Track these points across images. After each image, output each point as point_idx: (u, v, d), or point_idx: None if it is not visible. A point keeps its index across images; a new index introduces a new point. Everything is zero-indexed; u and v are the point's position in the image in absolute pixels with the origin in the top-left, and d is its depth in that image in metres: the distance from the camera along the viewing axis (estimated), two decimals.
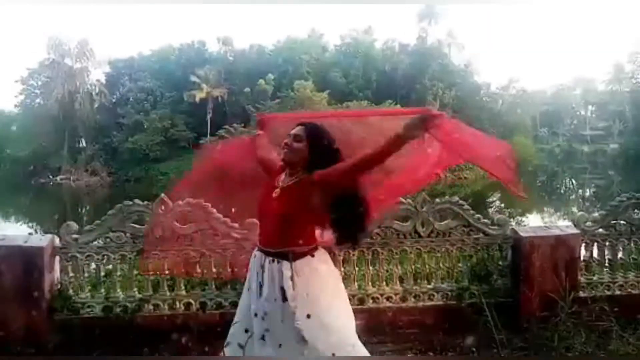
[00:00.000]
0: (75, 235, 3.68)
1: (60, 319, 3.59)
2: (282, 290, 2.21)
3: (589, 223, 4.11)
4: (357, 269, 3.92)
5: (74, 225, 3.71)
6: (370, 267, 3.95)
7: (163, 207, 3.70)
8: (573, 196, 32.81)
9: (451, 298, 3.95)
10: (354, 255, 3.88)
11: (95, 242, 3.70)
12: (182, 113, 39.38)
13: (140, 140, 36.57)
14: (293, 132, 2.31)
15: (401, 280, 4.02)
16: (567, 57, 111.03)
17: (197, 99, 38.61)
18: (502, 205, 24.00)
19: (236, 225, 3.64)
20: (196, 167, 3.40)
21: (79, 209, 28.74)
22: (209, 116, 38.66)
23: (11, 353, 3.38)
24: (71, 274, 3.71)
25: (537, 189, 33.95)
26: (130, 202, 3.71)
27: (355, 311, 3.81)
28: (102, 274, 3.77)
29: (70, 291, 3.69)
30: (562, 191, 35.11)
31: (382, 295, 3.92)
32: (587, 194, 33.73)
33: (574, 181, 39.37)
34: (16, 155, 37.43)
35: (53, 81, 39.06)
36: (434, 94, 35.19)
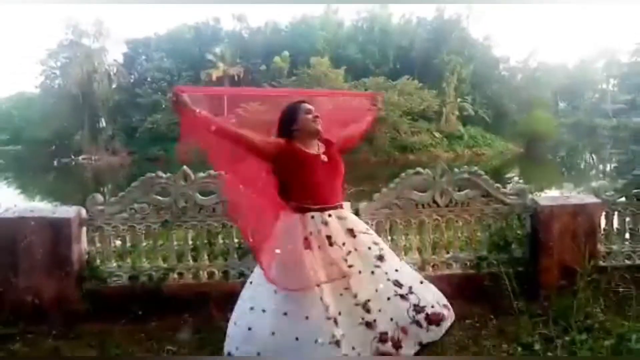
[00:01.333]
0: (101, 207, 3.79)
1: (88, 288, 3.73)
2: (351, 232, 2.56)
3: (610, 192, 4.08)
4: None
5: (99, 197, 3.82)
6: (389, 237, 3.99)
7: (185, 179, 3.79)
8: (593, 171, 32.23)
9: (469, 267, 3.99)
10: (372, 225, 3.92)
11: (121, 215, 3.81)
12: None
13: (158, 119, 36.81)
14: (309, 106, 2.65)
15: (419, 250, 4.06)
16: (590, 29, 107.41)
17: (214, 78, 38.55)
18: (521, 181, 23.69)
19: None
20: None
21: (101, 188, 29.19)
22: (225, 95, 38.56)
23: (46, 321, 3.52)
24: (98, 245, 3.83)
25: (556, 164, 33.44)
26: (153, 175, 3.79)
27: None
28: (128, 244, 3.88)
29: (98, 261, 3.82)
30: (582, 166, 34.51)
31: None
32: (608, 169, 33.09)
33: (594, 156, 38.63)
34: (38, 136, 38.04)
35: (72, 62, 39.36)
36: (452, 69, 34.56)
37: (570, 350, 2.96)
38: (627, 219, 4.09)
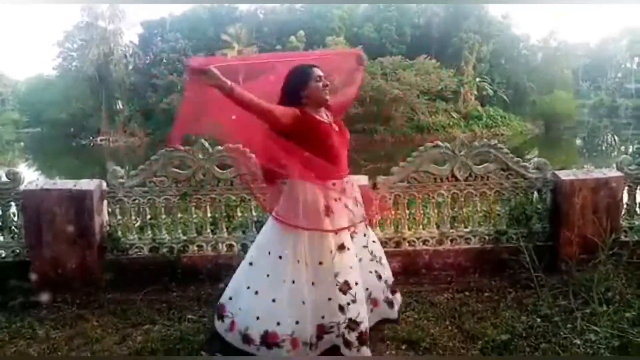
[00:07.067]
0: (121, 180, 3.83)
1: (110, 259, 3.81)
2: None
3: (632, 166, 4.00)
4: (393, 212, 3.96)
5: (120, 170, 3.87)
6: (407, 211, 3.98)
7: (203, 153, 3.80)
8: (615, 153, 31.62)
9: (488, 242, 3.97)
10: (390, 198, 3.92)
11: (141, 188, 3.85)
12: None
13: (174, 101, 36.88)
14: (319, 72, 2.49)
15: (437, 224, 4.04)
16: (613, 6, 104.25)
17: (229, 58, 38.52)
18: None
19: None
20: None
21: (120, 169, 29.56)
22: (241, 75, 38.52)
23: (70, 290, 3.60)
24: (119, 217, 3.89)
25: (576, 145, 32.89)
26: (172, 148, 3.82)
27: (391, 254, 3.92)
28: (148, 216, 3.93)
29: (119, 233, 3.88)
30: (603, 147, 33.87)
31: (418, 238, 3.97)
32: (630, 150, 32.41)
33: (616, 137, 37.86)
34: (56, 118, 38.50)
35: (88, 44, 39.57)
36: (470, 47, 33.91)
37: (590, 321, 2.94)
38: None
